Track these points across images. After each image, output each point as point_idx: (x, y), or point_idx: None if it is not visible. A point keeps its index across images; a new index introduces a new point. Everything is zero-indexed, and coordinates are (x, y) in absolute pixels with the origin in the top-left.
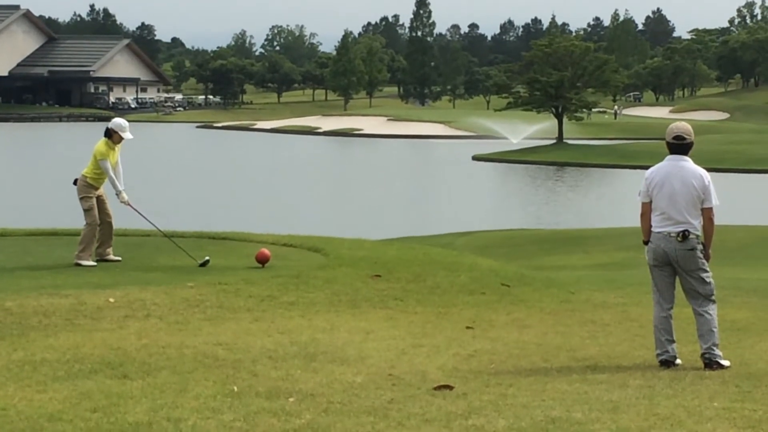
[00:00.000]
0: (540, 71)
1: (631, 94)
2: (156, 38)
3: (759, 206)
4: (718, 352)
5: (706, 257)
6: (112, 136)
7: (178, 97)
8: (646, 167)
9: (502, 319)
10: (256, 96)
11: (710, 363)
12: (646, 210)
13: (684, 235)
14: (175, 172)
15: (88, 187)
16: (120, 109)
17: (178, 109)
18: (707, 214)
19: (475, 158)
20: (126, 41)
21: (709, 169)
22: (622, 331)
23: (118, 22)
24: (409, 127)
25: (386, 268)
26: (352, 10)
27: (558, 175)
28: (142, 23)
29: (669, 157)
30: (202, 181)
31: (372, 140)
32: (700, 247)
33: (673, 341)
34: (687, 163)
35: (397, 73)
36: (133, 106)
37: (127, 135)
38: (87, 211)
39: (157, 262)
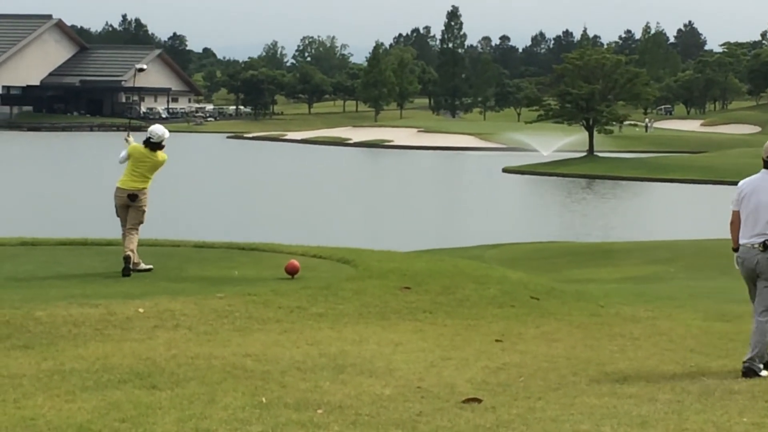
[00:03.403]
0: (571, 84)
1: (662, 107)
2: (187, 48)
3: None
4: (759, 364)
5: None
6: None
7: (209, 107)
8: (677, 180)
9: (531, 332)
10: (287, 107)
11: (747, 372)
12: (735, 219)
13: (765, 245)
14: (205, 183)
15: None
16: (151, 119)
17: (208, 119)
18: None
19: (506, 170)
20: (157, 51)
21: None
22: (651, 345)
23: (149, 33)
24: (440, 139)
25: (415, 280)
26: (384, 21)
27: (588, 187)
28: (174, 33)
29: (763, 170)
30: (232, 192)
31: (402, 152)
32: None
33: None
34: None
35: (428, 84)
36: (164, 116)
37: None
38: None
39: (187, 273)
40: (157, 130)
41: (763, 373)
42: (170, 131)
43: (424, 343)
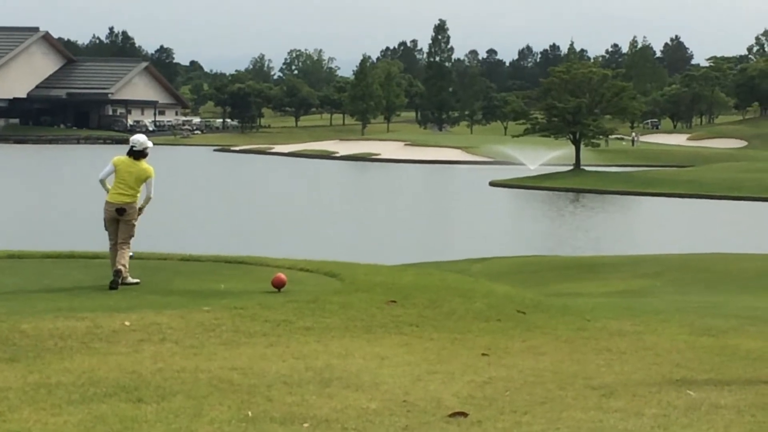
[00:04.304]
0: (558, 97)
1: (649, 121)
2: (174, 61)
3: None
4: None
5: None
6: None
7: (196, 120)
8: (664, 194)
9: (518, 346)
10: (274, 120)
11: None
12: None
13: None
14: (192, 196)
15: None
16: (138, 131)
17: (195, 132)
18: None
19: (492, 184)
20: (144, 64)
21: (726, 197)
22: (637, 360)
23: (136, 45)
24: (427, 152)
25: (402, 294)
26: (371, 34)
27: (575, 201)
28: (161, 46)
29: None
30: (218, 205)
31: (389, 165)
32: None
33: None
34: None
35: (415, 98)
36: (150, 128)
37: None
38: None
39: (174, 286)
40: (139, 137)
41: None
42: (157, 144)
43: (410, 356)
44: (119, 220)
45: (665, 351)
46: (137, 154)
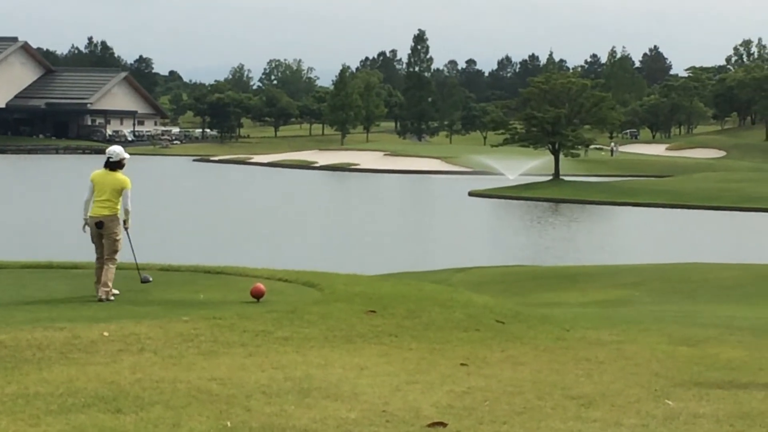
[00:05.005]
0: (537, 107)
1: (628, 131)
2: (154, 71)
3: (755, 244)
4: None
5: None
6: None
7: (175, 130)
8: (643, 204)
9: (497, 356)
10: (253, 130)
11: None
12: None
13: None
14: (171, 206)
15: None
16: (117, 141)
17: (175, 142)
18: None
19: (472, 194)
20: (123, 74)
21: (704, 207)
22: (616, 369)
23: (116, 55)
24: (406, 163)
25: (381, 304)
26: (350, 45)
27: (554, 211)
28: (140, 56)
29: None
30: (197, 215)
31: (369, 175)
32: None
33: None
34: None
35: (395, 108)
36: (130, 138)
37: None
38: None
39: (152, 296)
40: (115, 148)
41: None
42: (136, 154)
43: (390, 366)
44: (102, 234)
45: (644, 361)
46: (113, 165)
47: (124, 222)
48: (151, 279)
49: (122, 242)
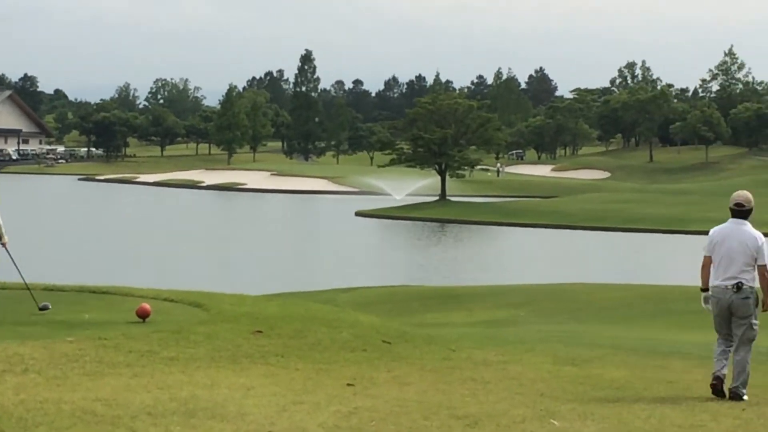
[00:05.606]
0: (423, 128)
1: (514, 152)
2: (39, 89)
3: (639, 265)
4: (743, 390)
5: (763, 306)
6: None
7: (60, 149)
8: (528, 225)
9: (383, 377)
10: (140, 149)
11: (735, 396)
12: (707, 263)
13: (738, 287)
14: (55, 225)
15: None
16: (1, 160)
17: (60, 161)
18: (761, 270)
19: (358, 214)
20: (8, 92)
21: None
22: (502, 389)
23: (0, 73)
24: (293, 182)
25: (267, 324)
26: (237, 64)
27: (440, 231)
28: (25, 74)
29: (731, 219)
30: (83, 234)
31: (255, 195)
32: (753, 296)
33: (724, 365)
34: (745, 226)
35: (282, 128)
36: (14, 157)
37: None
38: None
39: (37, 316)
40: None
41: (746, 397)
42: (21, 173)
43: (276, 387)
44: None
45: (529, 380)
46: None
47: (0, 237)
48: (50, 306)
49: None
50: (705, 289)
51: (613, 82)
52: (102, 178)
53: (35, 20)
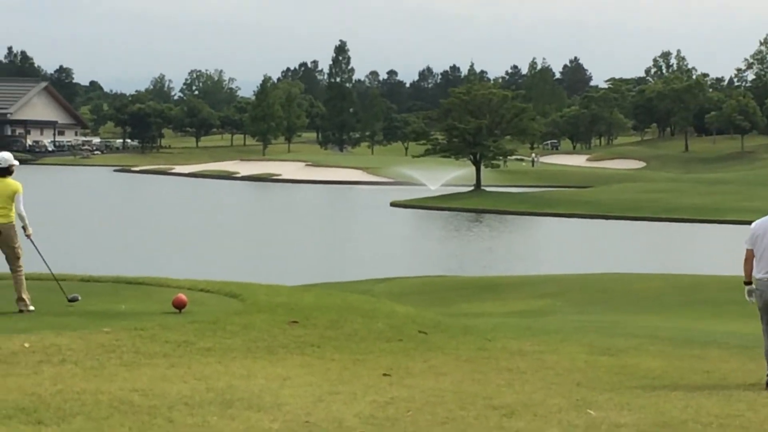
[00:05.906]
0: (458, 118)
1: (549, 142)
2: (74, 81)
3: (674, 254)
4: None
5: None
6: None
7: (96, 140)
8: (563, 215)
9: (419, 367)
10: (174, 140)
11: None
12: (749, 256)
13: None
14: (91, 216)
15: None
16: (37, 152)
17: (95, 152)
18: None
19: (393, 204)
20: (44, 84)
21: (625, 218)
22: (538, 379)
23: (36, 65)
24: (328, 173)
25: (303, 315)
26: (272, 55)
27: (475, 221)
28: (60, 66)
29: None
30: (119, 226)
31: (290, 185)
32: None
33: None
34: None
35: (316, 119)
36: (50, 149)
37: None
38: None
39: (74, 307)
40: (3, 155)
41: None
42: (57, 164)
43: (312, 377)
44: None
45: (565, 370)
46: (2, 172)
47: (24, 229)
48: (79, 298)
49: (22, 248)
50: (748, 282)
51: (648, 71)
52: (137, 169)
53: (70, 13)
